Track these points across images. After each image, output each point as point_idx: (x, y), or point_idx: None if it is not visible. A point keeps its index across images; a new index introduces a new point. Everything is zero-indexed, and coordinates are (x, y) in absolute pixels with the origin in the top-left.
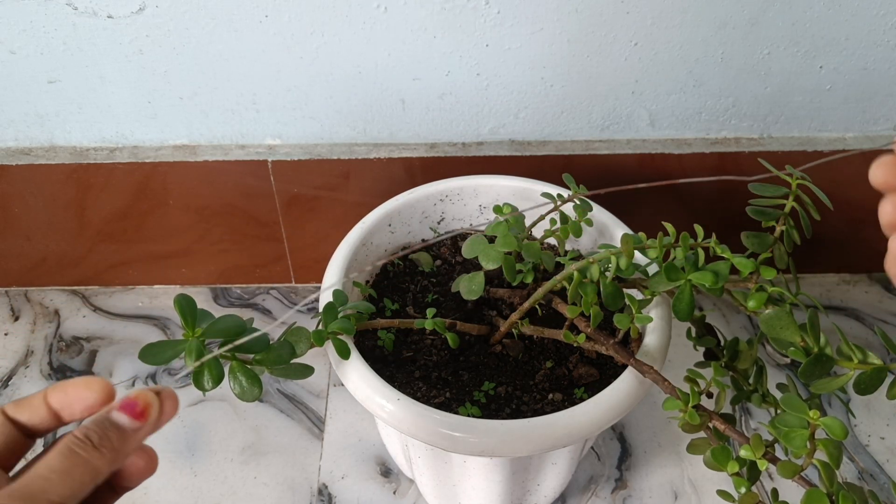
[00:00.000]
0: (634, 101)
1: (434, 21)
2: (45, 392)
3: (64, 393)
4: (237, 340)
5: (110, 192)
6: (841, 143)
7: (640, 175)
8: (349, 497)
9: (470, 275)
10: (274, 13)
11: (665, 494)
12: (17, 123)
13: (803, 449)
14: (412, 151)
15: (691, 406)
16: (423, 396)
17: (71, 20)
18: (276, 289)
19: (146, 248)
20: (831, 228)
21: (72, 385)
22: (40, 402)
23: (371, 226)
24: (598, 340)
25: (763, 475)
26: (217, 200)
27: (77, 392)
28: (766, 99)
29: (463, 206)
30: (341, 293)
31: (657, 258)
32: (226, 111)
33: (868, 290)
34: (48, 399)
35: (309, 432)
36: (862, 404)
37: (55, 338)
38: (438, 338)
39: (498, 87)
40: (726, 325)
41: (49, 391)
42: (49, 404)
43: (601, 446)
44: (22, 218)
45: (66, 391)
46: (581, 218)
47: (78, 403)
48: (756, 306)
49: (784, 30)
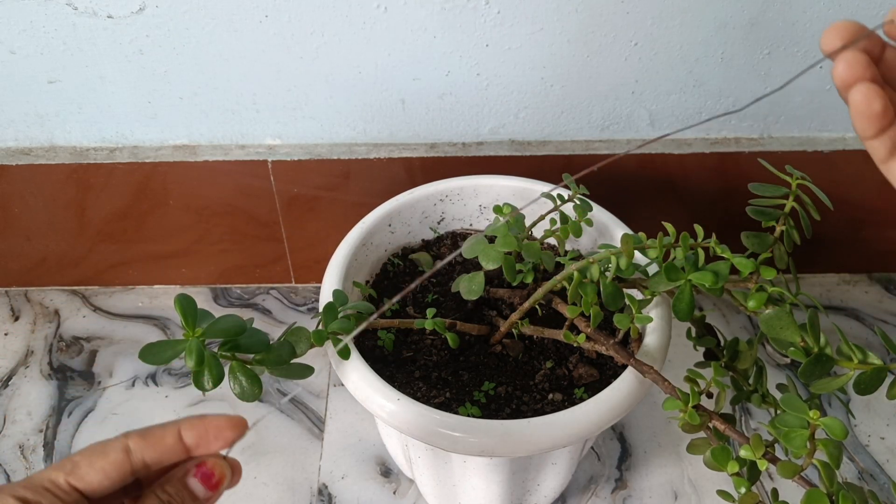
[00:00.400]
0: (634, 101)
1: (434, 21)
2: (179, 427)
3: (203, 429)
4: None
5: (110, 192)
6: (841, 143)
7: (641, 175)
8: (349, 497)
9: (470, 275)
10: (274, 13)
11: (665, 494)
12: (17, 123)
13: (803, 449)
14: (412, 151)
15: (691, 406)
16: (423, 396)
17: (71, 20)
18: (276, 289)
19: (146, 248)
20: (831, 228)
21: (213, 423)
22: (174, 438)
23: (371, 226)
24: (598, 340)
25: (763, 475)
26: (217, 200)
27: (219, 431)
28: (766, 99)
29: (463, 206)
30: (341, 293)
31: (657, 258)
32: (226, 111)
33: (868, 290)
34: (184, 437)
35: (309, 432)
36: (862, 404)
37: (55, 338)
38: (438, 338)
39: (498, 87)
40: (726, 325)
41: (184, 426)
42: (184, 444)
43: (601, 446)
44: (22, 218)
45: (206, 428)
46: (581, 218)
47: (218, 443)
48: (756, 306)
49: (784, 30)
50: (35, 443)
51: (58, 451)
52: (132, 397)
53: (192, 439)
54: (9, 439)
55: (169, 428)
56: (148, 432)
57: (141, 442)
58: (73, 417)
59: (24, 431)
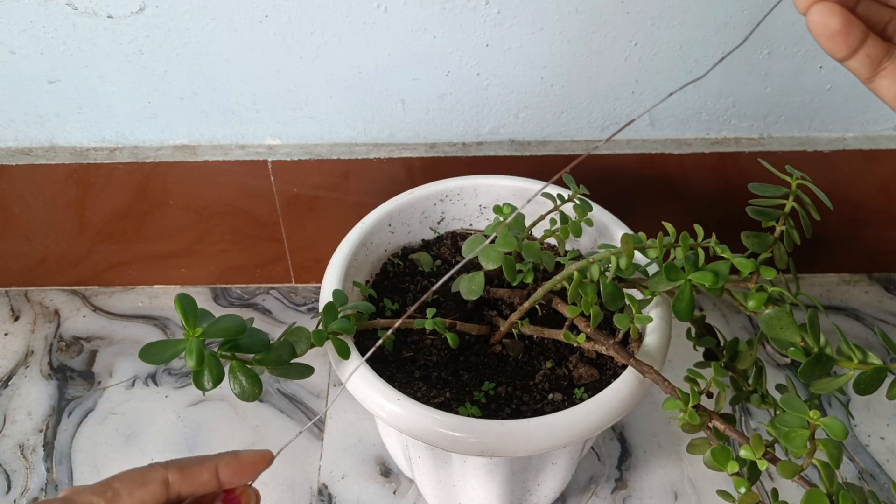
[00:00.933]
0: (634, 101)
1: (434, 21)
2: (216, 464)
3: (239, 466)
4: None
5: (110, 192)
6: (841, 143)
7: (641, 175)
8: (349, 497)
9: (470, 275)
10: (274, 13)
11: (665, 494)
12: (17, 123)
13: (803, 449)
14: (412, 151)
15: (691, 406)
16: (423, 396)
17: (71, 20)
18: (276, 289)
19: (146, 248)
20: (831, 228)
21: (248, 459)
22: (211, 475)
23: (371, 226)
24: (598, 340)
25: (763, 475)
26: (217, 200)
27: (253, 467)
28: (766, 99)
29: (463, 206)
30: (341, 293)
31: (657, 258)
32: (226, 111)
33: (868, 290)
34: (220, 473)
35: (309, 432)
36: (862, 404)
37: (55, 338)
38: (438, 338)
39: (498, 87)
40: (726, 325)
41: (221, 463)
42: (220, 480)
43: (601, 446)
44: (22, 218)
45: (241, 465)
46: (581, 218)
47: (249, 477)
48: (756, 306)
49: (784, 30)
50: (35, 443)
51: (58, 451)
52: (132, 397)
53: (227, 476)
54: (9, 439)
55: (206, 464)
56: (187, 468)
57: (179, 476)
58: (73, 417)
59: (24, 431)
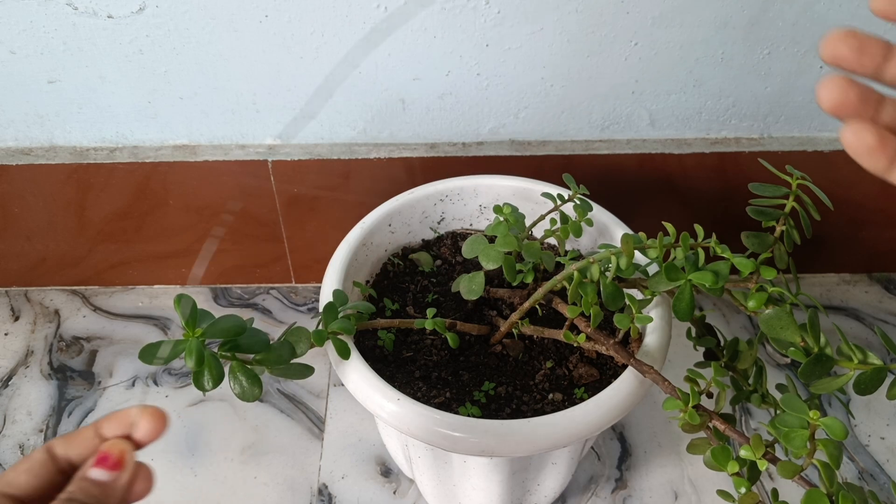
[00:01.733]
0: (634, 101)
1: (434, 21)
2: (97, 425)
3: (119, 422)
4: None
5: (110, 192)
6: (841, 142)
7: (641, 175)
8: (349, 497)
9: (470, 275)
10: (274, 13)
11: (665, 494)
12: (17, 123)
13: (803, 449)
14: (412, 151)
15: (691, 406)
16: (423, 396)
17: (71, 20)
18: (276, 289)
19: (146, 248)
20: (831, 228)
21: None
22: (92, 435)
23: (371, 226)
24: (598, 340)
25: (763, 475)
26: (217, 200)
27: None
28: (766, 99)
29: (463, 206)
30: (341, 293)
31: (657, 258)
32: (226, 111)
33: (868, 290)
34: (101, 432)
35: (309, 432)
36: (862, 404)
37: (55, 338)
38: (438, 338)
39: (498, 87)
40: (726, 325)
41: (100, 424)
42: (102, 437)
43: (601, 446)
44: (22, 218)
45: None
46: (581, 218)
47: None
48: (756, 306)
49: (784, 30)
50: (35, 443)
51: None
52: (132, 397)
53: (111, 432)
54: (9, 439)
55: (89, 427)
56: (69, 434)
57: (62, 442)
58: (74, 417)
59: (24, 431)
